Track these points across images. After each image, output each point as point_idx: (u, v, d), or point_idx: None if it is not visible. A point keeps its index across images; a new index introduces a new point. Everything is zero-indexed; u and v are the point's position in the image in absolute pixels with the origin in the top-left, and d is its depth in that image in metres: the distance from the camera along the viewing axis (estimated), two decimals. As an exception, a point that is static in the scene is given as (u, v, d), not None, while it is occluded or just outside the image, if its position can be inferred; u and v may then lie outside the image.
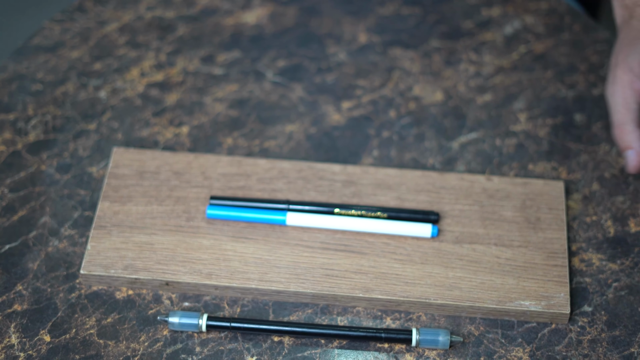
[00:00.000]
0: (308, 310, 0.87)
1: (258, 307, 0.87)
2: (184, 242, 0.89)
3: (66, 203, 0.93)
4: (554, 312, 0.86)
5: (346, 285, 0.87)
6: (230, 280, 0.87)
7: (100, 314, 0.86)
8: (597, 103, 1.02)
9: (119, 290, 0.88)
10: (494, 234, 0.90)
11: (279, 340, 0.85)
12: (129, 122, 1.00)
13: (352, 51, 1.07)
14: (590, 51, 1.07)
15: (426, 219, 0.91)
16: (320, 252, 0.89)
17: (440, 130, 1.00)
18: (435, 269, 0.88)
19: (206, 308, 0.87)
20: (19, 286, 0.88)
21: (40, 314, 0.86)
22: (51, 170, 0.96)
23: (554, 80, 1.04)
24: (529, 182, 0.94)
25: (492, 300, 0.86)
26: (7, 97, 1.01)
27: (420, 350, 0.85)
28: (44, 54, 1.05)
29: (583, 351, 0.85)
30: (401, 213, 0.91)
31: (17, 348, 0.84)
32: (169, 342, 0.85)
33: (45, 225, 0.92)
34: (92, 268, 0.87)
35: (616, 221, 0.93)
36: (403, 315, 0.87)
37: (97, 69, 1.04)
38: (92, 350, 0.84)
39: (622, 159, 0.97)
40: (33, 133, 0.99)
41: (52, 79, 1.03)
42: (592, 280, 0.89)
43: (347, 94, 1.03)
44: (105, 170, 0.95)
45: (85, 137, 0.98)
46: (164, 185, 0.93)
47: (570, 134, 1.00)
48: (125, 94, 1.02)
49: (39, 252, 0.90)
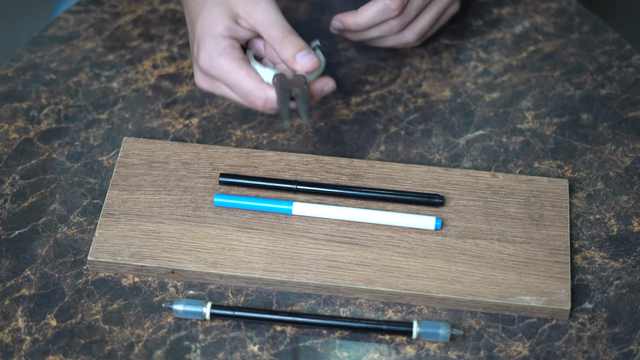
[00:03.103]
0: (311, 301, 0.88)
1: (262, 296, 0.88)
2: (191, 231, 0.90)
3: (76, 191, 0.95)
4: (554, 308, 0.86)
5: (349, 277, 0.88)
6: (235, 269, 0.88)
7: (106, 300, 0.88)
8: (604, 103, 1.03)
9: (125, 277, 0.89)
10: (497, 230, 0.91)
11: (282, 330, 0.86)
12: (140, 113, 1.01)
13: (362, 47, 1.08)
14: (598, 52, 1.08)
15: (430, 201, 0.92)
16: (324, 243, 0.90)
17: (447, 127, 1.01)
18: (438, 262, 0.89)
19: (210, 296, 0.88)
20: (27, 271, 0.89)
21: (47, 298, 0.87)
22: (62, 159, 0.97)
23: (561, 80, 1.05)
24: (533, 180, 0.95)
25: (494, 295, 0.87)
26: (21, 86, 1.03)
27: (421, 343, 0.86)
28: (59, 45, 1.07)
29: (583, 347, 0.86)
30: (405, 195, 0.92)
31: (23, 331, 0.85)
32: (173, 329, 0.86)
33: (54, 212, 0.93)
34: (100, 255, 0.88)
35: (619, 220, 0.94)
36: (405, 308, 0.88)
37: (110, 59, 1.06)
38: (97, 335, 0.85)
39: (628, 158, 0.98)
40: (45, 122, 1.00)
41: (66, 69, 1.05)
42: (593, 277, 0.90)
43: (356, 89, 1.04)
44: (115, 159, 0.97)
45: (97, 127, 1.00)
46: (172, 175, 0.94)
47: (577, 133, 1.00)
48: (137, 85, 1.03)
49: (47, 238, 0.91)
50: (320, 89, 0.90)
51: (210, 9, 0.89)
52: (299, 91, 0.86)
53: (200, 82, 0.91)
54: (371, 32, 0.99)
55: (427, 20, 1.00)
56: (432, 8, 1.00)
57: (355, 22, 0.97)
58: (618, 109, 1.03)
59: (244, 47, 0.92)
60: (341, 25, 0.99)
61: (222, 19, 0.88)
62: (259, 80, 0.87)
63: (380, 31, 0.99)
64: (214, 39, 0.88)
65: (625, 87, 1.05)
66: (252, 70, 0.88)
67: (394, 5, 0.95)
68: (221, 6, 0.89)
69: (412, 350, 0.85)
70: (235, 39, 0.89)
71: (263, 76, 0.88)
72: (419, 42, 1.02)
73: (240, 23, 0.89)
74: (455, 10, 1.03)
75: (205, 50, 0.88)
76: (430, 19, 1.00)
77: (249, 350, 0.85)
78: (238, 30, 0.89)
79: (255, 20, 0.88)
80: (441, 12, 1.01)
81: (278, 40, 0.88)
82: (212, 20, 0.88)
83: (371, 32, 0.99)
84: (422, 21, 1.00)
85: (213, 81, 0.90)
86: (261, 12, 0.88)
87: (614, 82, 1.05)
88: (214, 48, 0.88)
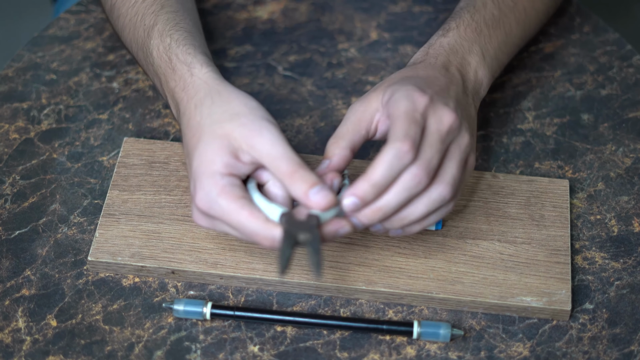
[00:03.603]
0: (311, 302, 0.88)
1: (262, 297, 0.88)
2: (191, 232, 0.90)
3: (76, 191, 0.95)
4: (555, 309, 0.86)
5: (350, 278, 0.88)
6: (236, 270, 0.88)
7: (107, 300, 0.88)
8: (605, 104, 1.03)
9: (125, 277, 0.89)
10: (498, 230, 0.91)
11: (282, 330, 0.86)
12: (141, 113, 1.01)
13: (363, 47, 1.08)
14: (599, 52, 1.08)
15: None
16: (324, 243, 0.89)
17: (447, 127, 1.00)
18: (439, 263, 0.89)
19: (211, 297, 0.88)
20: (28, 271, 0.89)
21: (48, 299, 0.87)
22: (62, 159, 0.97)
23: (562, 80, 1.05)
24: (534, 180, 0.95)
25: (494, 295, 0.87)
26: (21, 86, 1.03)
27: (422, 343, 0.86)
28: (59, 45, 1.07)
29: (583, 348, 0.86)
30: None
31: (23, 332, 0.85)
32: (174, 329, 0.86)
33: (55, 212, 0.93)
34: (100, 255, 0.88)
35: (620, 220, 0.94)
36: (405, 309, 0.88)
37: (111, 60, 1.06)
38: (98, 335, 0.85)
39: (628, 159, 0.98)
40: (46, 122, 1.00)
41: (66, 69, 1.05)
42: (594, 278, 0.90)
43: (356, 89, 1.04)
44: (115, 159, 0.97)
45: (97, 127, 1.00)
46: (172, 175, 0.94)
47: (577, 134, 1.00)
48: (137, 85, 1.03)
49: (48, 239, 0.91)
50: (334, 231, 0.80)
51: (207, 144, 0.81)
52: (309, 237, 0.77)
53: (198, 220, 0.83)
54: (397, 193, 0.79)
55: (455, 166, 0.81)
56: (453, 153, 0.82)
57: (370, 183, 0.78)
58: (619, 110, 1.03)
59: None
60: (357, 201, 0.79)
61: (220, 155, 0.80)
62: (263, 219, 0.79)
63: (406, 186, 0.79)
64: (211, 177, 0.80)
65: (626, 87, 1.05)
66: (255, 210, 0.79)
67: (405, 146, 0.78)
68: (220, 141, 0.81)
69: (413, 351, 0.85)
70: (236, 175, 0.81)
71: (268, 213, 0.80)
72: (455, 196, 0.83)
73: (241, 158, 0.81)
74: (473, 163, 0.85)
75: (202, 190, 0.80)
76: (457, 165, 0.82)
77: (249, 351, 0.85)
78: (238, 167, 0.81)
79: (260, 153, 0.80)
80: (464, 159, 0.83)
81: (287, 176, 0.79)
82: (209, 157, 0.81)
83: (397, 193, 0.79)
84: (449, 168, 0.81)
85: (213, 220, 0.82)
86: (267, 144, 0.80)
87: (615, 82, 1.05)
88: (212, 188, 0.80)
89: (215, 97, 0.84)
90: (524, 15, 0.98)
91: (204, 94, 0.85)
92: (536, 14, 1.01)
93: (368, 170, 0.78)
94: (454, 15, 0.95)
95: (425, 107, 0.80)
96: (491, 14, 0.95)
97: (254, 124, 0.81)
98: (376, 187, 0.78)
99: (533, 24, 1.01)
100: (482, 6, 0.95)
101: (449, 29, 0.92)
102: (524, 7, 0.98)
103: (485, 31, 0.94)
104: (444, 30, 0.92)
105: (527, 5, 0.99)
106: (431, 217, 0.82)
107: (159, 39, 0.90)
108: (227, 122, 0.81)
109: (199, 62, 0.87)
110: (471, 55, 0.91)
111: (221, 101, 0.83)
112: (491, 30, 0.94)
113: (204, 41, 0.94)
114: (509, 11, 0.97)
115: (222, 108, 0.83)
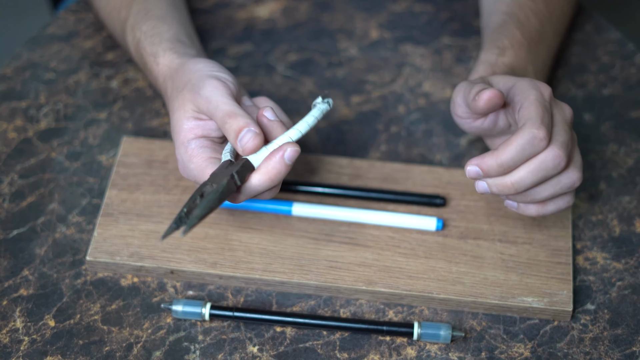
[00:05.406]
0: (311, 302, 0.88)
1: (262, 297, 0.88)
2: (190, 231, 0.89)
3: (75, 190, 0.94)
4: (556, 309, 0.86)
5: (350, 278, 0.87)
6: (235, 270, 0.87)
7: (105, 300, 0.87)
8: (607, 103, 1.02)
9: (124, 277, 0.89)
10: (499, 230, 0.91)
11: (282, 331, 0.86)
12: (140, 112, 1.01)
13: (363, 46, 1.07)
14: (601, 51, 1.07)
15: (431, 202, 0.91)
16: (324, 244, 0.89)
17: (448, 127, 1.00)
18: (439, 263, 0.88)
19: (210, 297, 0.88)
20: (26, 271, 0.89)
21: (46, 299, 0.87)
22: (61, 158, 0.96)
23: (564, 80, 1.05)
24: (535, 180, 0.94)
25: (495, 296, 0.86)
26: (20, 85, 1.02)
27: (422, 344, 0.85)
28: (58, 43, 1.06)
29: (585, 349, 0.85)
30: (406, 196, 0.92)
31: (21, 332, 0.85)
32: (172, 329, 0.85)
33: (53, 211, 0.92)
34: (98, 255, 0.88)
35: (622, 221, 0.93)
36: (406, 309, 0.87)
37: (110, 59, 1.05)
38: (96, 335, 0.85)
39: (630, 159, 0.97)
40: (44, 121, 0.99)
41: (65, 68, 1.04)
42: (595, 278, 0.89)
43: (357, 88, 1.03)
44: (114, 158, 0.96)
45: (96, 126, 0.99)
46: (171, 174, 0.94)
47: (579, 133, 1.00)
48: (136, 84, 1.03)
49: (46, 238, 0.91)
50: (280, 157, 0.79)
51: (173, 120, 0.84)
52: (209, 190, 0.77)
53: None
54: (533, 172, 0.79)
55: (579, 154, 0.82)
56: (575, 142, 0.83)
57: (497, 161, 0.78)
58: (620, 109, 1.02)
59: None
60: (479, 171, 0.80)
61: (182, 123, 0.82)
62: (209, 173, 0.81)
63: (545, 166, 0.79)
64: (181, 147, 0.82)
65: (628, 87, 1.04)
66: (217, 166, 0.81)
67: (542, 133, 0.77)
68: (181, 110, 0.83)
69: (413, 352, 0.85)
70: (208, 136, 0.83)
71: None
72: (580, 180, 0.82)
73: (201, 117, 0.83)
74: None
75: (179, 161, 0.83)
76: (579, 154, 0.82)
77: (248, 351, 0.84)
78: (204, 125, 0.83)
79: (202, 107, 0.82)
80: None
81: (222, 123, 0.80)
82: (176, 129, 0.83)
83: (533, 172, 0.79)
84: (577, 156, 0.82)
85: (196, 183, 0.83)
86: (204, 100, 0.82)
87: (617, 82, 1.04)
88: (183, 156, 0.82)
89: (175, 76, 0.87)
90: (557, 24, 1.01)
91: (168, 77, 0.88)
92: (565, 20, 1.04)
93: (500, 148, 0.79)
94: (502, 29, 0.95)
95: (550, 97, 0.82)
96: (535, 29, 0.97)
97: (198, 83, 0.83)
98: (502, 167, 0.79)
99: (564, 31, 1.04)
100: (526, 20, 0.96)
101: (504, 47, 0.93)
102: (557, 16, 1.01)
103: (534, 48, 0.95)
104: (500, 50, 0.93)
105: (559, 13, 1.01)
106: (559, 200, 0.83)
107: (131, 34, 0.95)
108: (182, 91, 0.84)
109: (162, 50, 0.90)
110: (527, 75, 0.93)
111: (178, 76, 0.86)
112: (538, 47, 0.96)
113: (178, 22, 0.95)
114: (547, 22, 0.99)
115: (180, 82, 0.85)
